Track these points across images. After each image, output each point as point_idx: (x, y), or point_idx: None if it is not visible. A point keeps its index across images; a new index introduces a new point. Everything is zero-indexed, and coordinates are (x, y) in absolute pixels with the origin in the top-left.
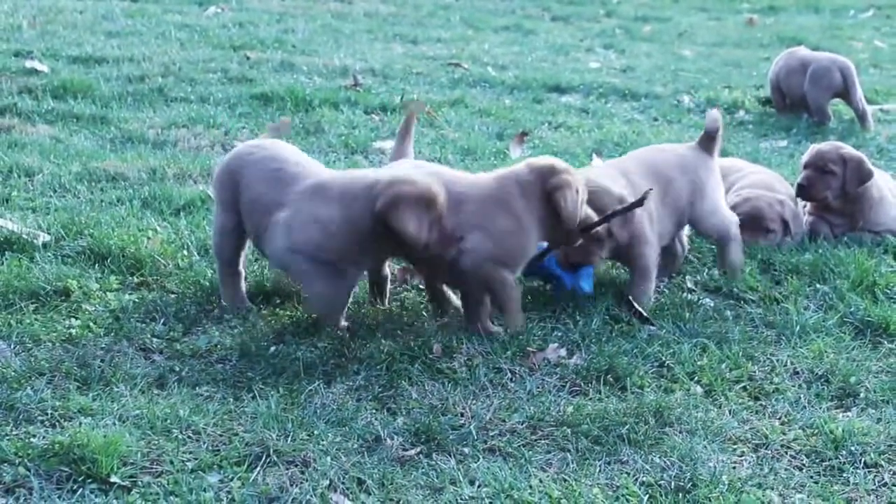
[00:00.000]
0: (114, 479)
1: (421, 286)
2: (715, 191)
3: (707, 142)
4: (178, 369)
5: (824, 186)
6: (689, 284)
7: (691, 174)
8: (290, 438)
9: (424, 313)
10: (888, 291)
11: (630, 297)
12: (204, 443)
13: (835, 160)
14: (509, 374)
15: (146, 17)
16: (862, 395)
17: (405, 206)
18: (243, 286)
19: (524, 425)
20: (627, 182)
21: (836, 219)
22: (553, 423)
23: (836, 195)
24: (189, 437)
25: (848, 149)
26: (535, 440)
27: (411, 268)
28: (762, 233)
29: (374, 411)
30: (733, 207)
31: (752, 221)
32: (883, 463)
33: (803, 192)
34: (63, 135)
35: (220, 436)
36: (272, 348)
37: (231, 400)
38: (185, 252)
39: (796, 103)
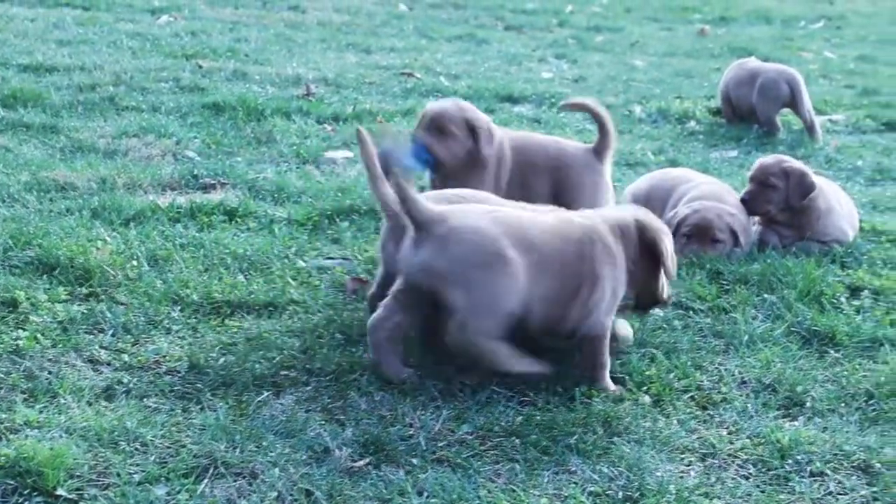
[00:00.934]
0: (60, 492)
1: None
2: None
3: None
4: (125, 381)
5: (766, 200)
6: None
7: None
8: (238, 450)
9: None
10: (835, 301)
11: None
12: (151, 455)
13: (777, 174)
14: (459, 385)
15: (98, 25)
16: (808, 404)
17: None
18: None
19: (473, 436)
20: None
21: (785, 230)
22: (502, 433)
23: (779, 208)
24: (136, 449)
25: (791, 162)
26: (484, 450)
27: (361, 278)
28: (710, 243)
29: (323, 422)
30: (683, 218)
31: (701, 232)
32: (828, 472)
33: (746, 205)
34: (12, 144)
35: (168, 448)
36: (221, 360)
37: (179, 412)
38: (135, 262)
39: (745, 114)
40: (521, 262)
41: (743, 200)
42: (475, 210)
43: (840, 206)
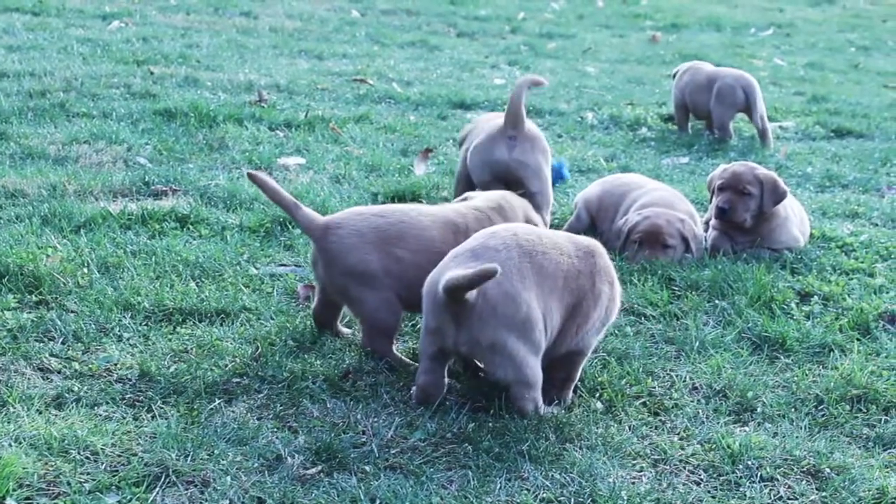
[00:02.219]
0: (9, 501)
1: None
2: None
3: None
4: (76, 389)
5: (744, 208)
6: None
7: None
8: (189, 458)
9: (327, 330)
10: (785, 307)
11: None
12: (102, 463)
13: (751, 181)
14: (412, 392)
15: (48, 31)
16: (759, 409)
17: None
18: None
19: (425, 442)
20: None
21: (740, 236)
22: (454, 439)
23: (753, 215)
24: (87, 457)
25: (762, 169)
26: (437, 457)
27: (314, 285)
28: (661, 249)
29: (275, 430)
30: (634, 225)
31: (652, 238)
32: (778, 477)
33: (724, 214)
34: None
35: (119, 456)
36: (173, 367)
37: (130, 420)
38: (86, 270)
39: (699, 118)
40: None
41: (721, 210)
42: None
43: (793, 213)
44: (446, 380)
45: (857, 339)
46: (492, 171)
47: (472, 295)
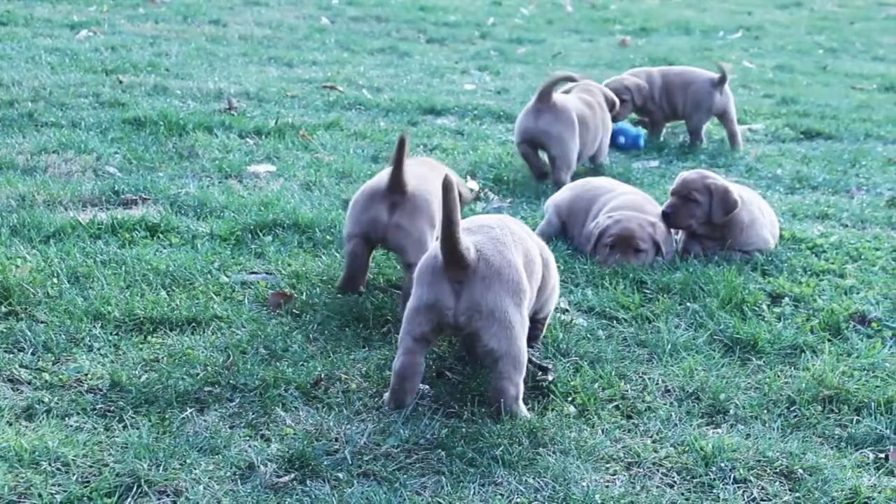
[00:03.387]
0: None
1: (296, 310)
2: None
3: None
4: (46, 400)
5: (688, 215)
6: (563, 305)
7: None
8: (161, 468)
9: (299, 338)
10: (756, 309)
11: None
12: (73, 475)
13: (700, 189)
14: (385, 398)
15: (16, 40)
16: (731, 411)
17: None
18: None
19: (399, 449)
20: None
21: (709, 241)
22: (427, 445)
23: (700, 223)
24: (58, 469)
25: (714, 178)
26: (410, 463)
27: (285, 293)
28: (633, 253)
29: (247, 438)
30: (605, 229)
31: (623, 242)
32: (752, 478)
33: (667, 219)
34: None
35: (90, 467)
36: (144, 377)
37: (101, 430)
38: (55, 280)
39: (671, 120)
40: None
41: (664, 214)
42: None
43: (762, 215)
44: (423, 368)
45: (829, 340)
46: (521, 135)
47: (473, 260)
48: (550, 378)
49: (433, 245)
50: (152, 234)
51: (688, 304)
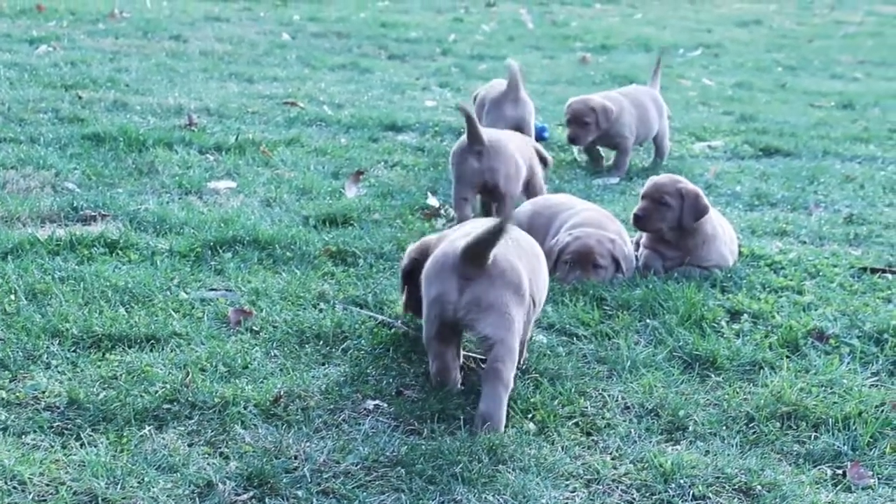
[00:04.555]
0: None
1: (256, 327)
2: None
3: None
4: (3, 418)
5: (660, 218)
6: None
7: None
8: (119, 486)
9: (258, 355)
10: (715, 325)
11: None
12: (30, 493)
13: (672, 193)
14: (344, 415)
15: None
16: (690, 428)
17: None
18: None
19: (358, 466)
20: None
21: (671, 251)
22: (387, 463)
23: (670, 227)
24: (14, 487)
25: (685, 183)
26: (370, 481)
27: (245, 310)
28: (592, 269)
29: (206, 456)
30: (564, 245)
31: (582, 258)
32: (710, 495)
33: (639, 222)
34: None
35: (47, 486)
36: (102, 394)
37: (58, 448)
38: (13, 297)
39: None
40: None
41: (636, 217)
42: None
43: (723, 231)
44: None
45: (787, 357)
46: (504, 122)
47: (490, 263)
48: None
49: (442, 244)
50: (111, 250)
51: (647, 320)
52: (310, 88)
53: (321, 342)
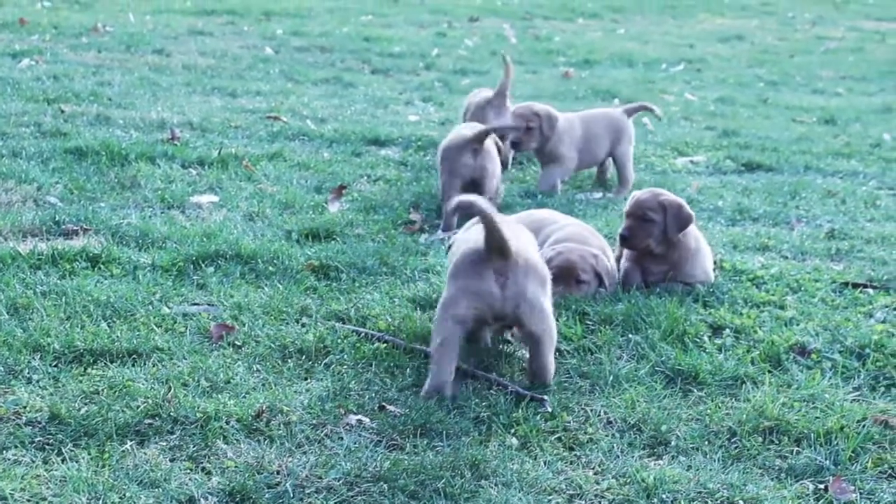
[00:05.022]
0: None
1: (238, 342)
2: None
3: None
4: None
5: (646, 235)
6: (506, 335)
7: None
8: (100, 502)
9: (241, 370)
10: (697, 340)
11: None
12: None
13: (654, 208)
14: (327, 431)
15: None
16: (673, 443)
17: None
18: None
19: (341, 482)
20: None
21: (654, 266)
22: (370, 478)
23: (658, 241)
24: None
25: (667, 195)
26: (352, 496)
27: (227, 324)
28: (575, 285)
29: (188, 471)
30: (547, 260)
31: (565, 273)
32: None
33: (626, 242)
34: None
35: (28, 501)
36: (83, 409)
37: (40, 463)
38: None
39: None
40: None
41: (622, 237)
42: None
43: (706, 245)
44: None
45: (769, 372)
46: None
47: (514, 251)
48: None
49: (469, 241)
50: (93, 264)
51: (630, 335)
52: (293, 103)
53: (304, 357)
